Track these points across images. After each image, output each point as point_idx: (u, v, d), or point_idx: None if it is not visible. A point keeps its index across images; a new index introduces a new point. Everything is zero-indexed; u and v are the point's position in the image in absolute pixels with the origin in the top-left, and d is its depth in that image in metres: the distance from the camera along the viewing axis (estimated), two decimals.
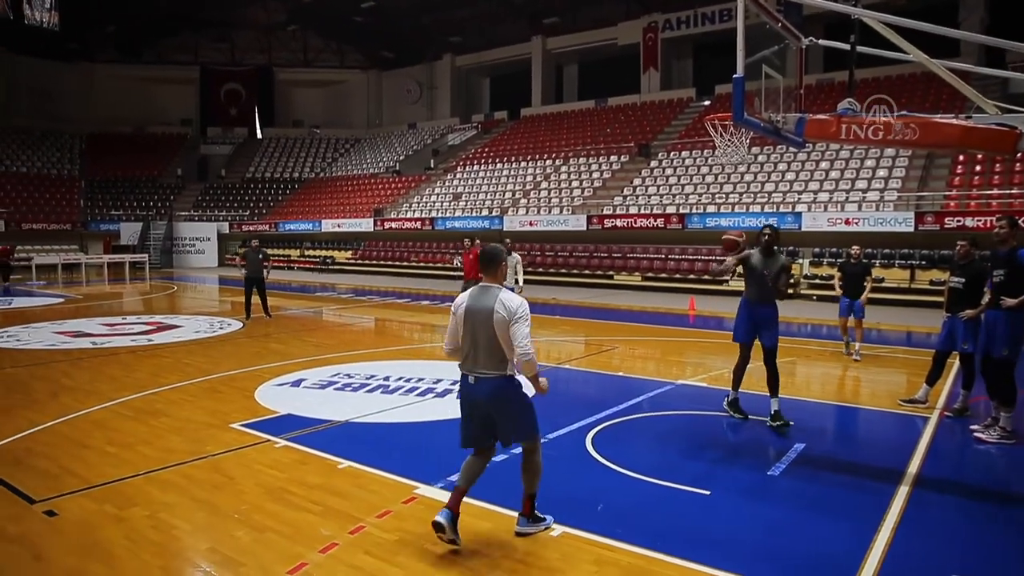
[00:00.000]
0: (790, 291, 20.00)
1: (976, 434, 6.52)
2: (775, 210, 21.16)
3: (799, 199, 21.45)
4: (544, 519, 4.51)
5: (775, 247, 7.01)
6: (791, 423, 6.81)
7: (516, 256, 12.24)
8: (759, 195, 22.58)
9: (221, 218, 38.57)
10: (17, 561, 4.09)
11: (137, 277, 28.78)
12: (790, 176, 22.96)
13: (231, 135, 45.40)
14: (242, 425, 6.79)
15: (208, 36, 43.87)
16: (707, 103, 31.27)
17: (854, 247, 10.69)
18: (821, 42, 6.37)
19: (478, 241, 12.97)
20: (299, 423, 6.82)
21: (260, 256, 14.57)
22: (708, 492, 5.10)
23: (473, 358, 4.29)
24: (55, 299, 19.91)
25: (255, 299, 14.71)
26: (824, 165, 22.78)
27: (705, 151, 26.30)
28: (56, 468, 5.63)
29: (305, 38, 44.68)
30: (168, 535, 4.43)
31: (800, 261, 20.32)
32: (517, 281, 11.91)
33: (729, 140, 7.36)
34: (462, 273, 13.23)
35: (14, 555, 4.16)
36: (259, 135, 45.73)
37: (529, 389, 4.59)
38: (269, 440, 6.32)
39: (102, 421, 7.01)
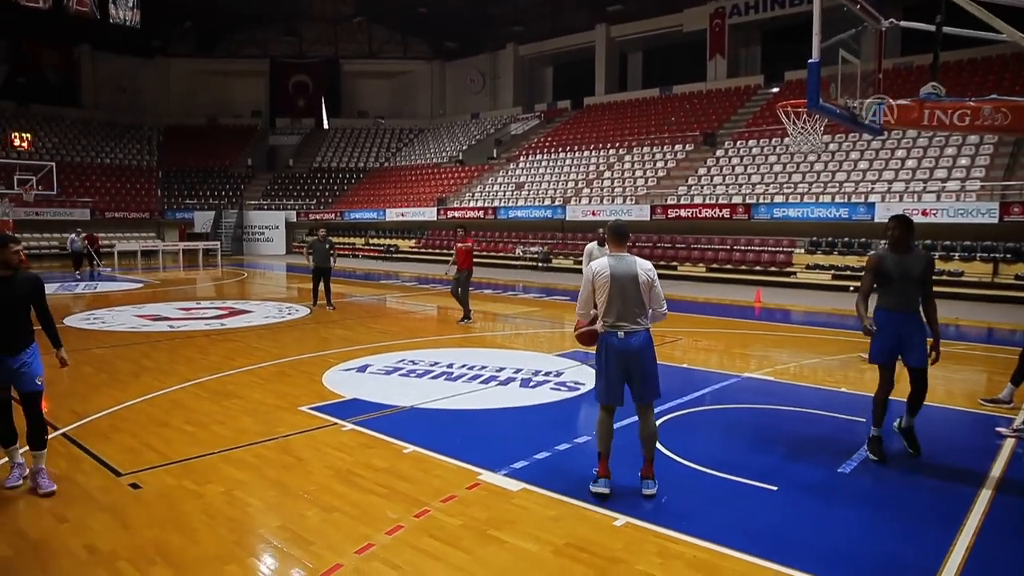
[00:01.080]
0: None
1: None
2: (846, 200, 20.47)
3: (872, 189, 20.69)
4: (653, 483, 4.87)
5: (909, 242, 5.57)
6: (919, 453, 5.78)
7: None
8: (830, 184, 21.86)
9: (289, 207, 39.62)
10: (109, 528, 4.32)
11: (209, 264, 29.84)
12: (863, 165, 22.15)
13: (299, 126, 46.52)
14: (310, 408, 6.98)
15: (277, 30, 44.98)
16: (775, 90, 30.41)
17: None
18: (903, 23, 6.08)
19: (461, 232, 13.36)
20: (365, 407, 6.97)
21: (327, 246, 14.67)
22: (775, 488, 4.99)
23: (622, 315, 4.75)
24: (135, 284, 20.83)
25: (321, 288, 14.89)
26: (900, 153, 21.88)
27: (773, 139, 25.61)
28: (139, 444, 5.91)
29: (370, 30, 45.33)
30: (242, 511, 4.60)
31: (872, 254, 19.63)
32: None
33: (802, 128, 7.13)
34: (455, 263, 13.12)
35: (106, 523, 4.40)
36: (326, 126, 46.70)
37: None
38: (336, 423, 6.48)
39: (180, 401, 7.32)
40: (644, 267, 4.81)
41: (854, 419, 6.74)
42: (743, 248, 22.28)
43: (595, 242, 9.47)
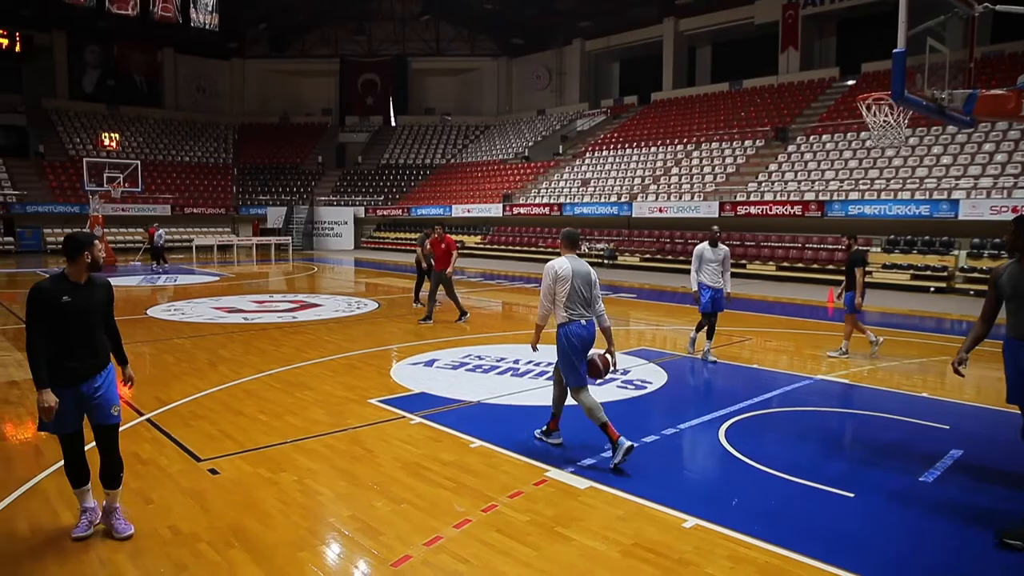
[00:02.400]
0: (944, 285, 18.36)
1: None
2: (927, 196, 19.60)
3: (956, 184, 19.74)
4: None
5: None
6: None
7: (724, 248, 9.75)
8: (909, 180, 20.97)
9: (357, 203, 40.44)
10: (191, 511, 4.50)
11: (281, 258, 30.73)
12: (946, 159, 21.17)
13: (367, 123, 47.40)
14: (379, 401, 7.10)
15: (347, 30, 45.92)
16: (851, 83, 29.37)
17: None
18: (999, 7, 5.72)
19: (439, 230, 12.75)
20: (432, 401, 7.05)
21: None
22: (852, 494, 4.82)
23: (582, 307, 5.53)
24: (211, 277, 21.63)
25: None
26: (988, 147, 20.81)
27: (848, 134, 24.73)
28: (216, 431, 6.13)
29: (438, 28, 45.80)
30: (314, 500, 4.72)
31: (955, 253, 18.74)
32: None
33: (884, 121, 6.84)
34: (426, 263, 12.73)
35: (188, 506, 4.58)
36: (393, 123, 47.45)
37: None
38: (404, 416, 6.58)
39: (254, 391, 7.56)
40: (590, 267, 5.69)
41: (935, 426, 6.46)
42: (815, 246, 21.59)
43: (706, 243, 9.14)
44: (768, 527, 4.30)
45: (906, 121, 7.24)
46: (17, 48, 38.64)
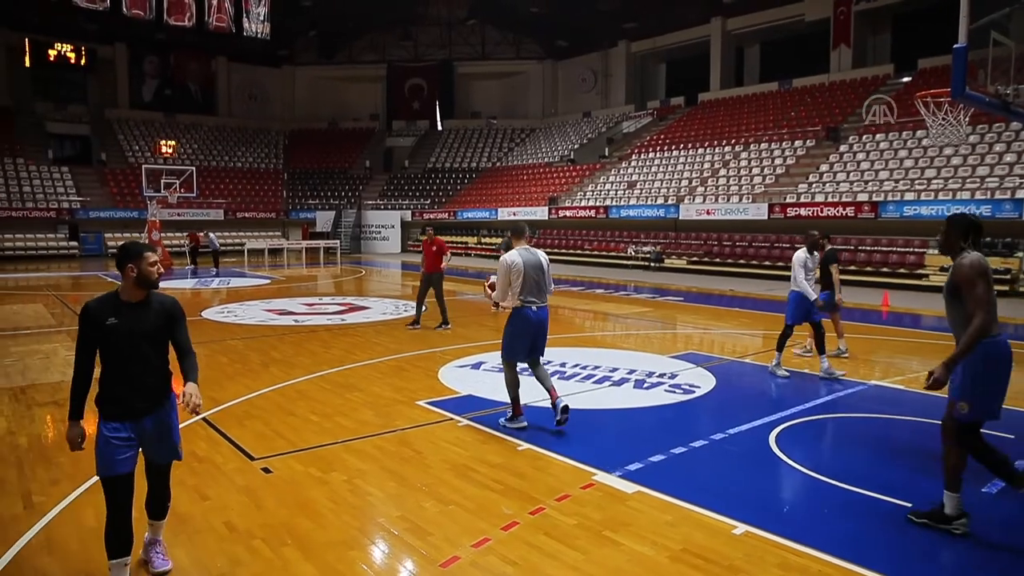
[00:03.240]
0: (1007, 288, 17.78)
1: None
2: (988, 196, 18.96)
3: (1020, 183, 19.03)
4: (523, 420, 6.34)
5: None
6: None
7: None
8: (969, 180, 20.30)
9: (404, 206, 40.91)
10: (245, 508, 4.62)
11: (330, 261, 31.26)
12: (1010, 157, 20.43)
13: (414, 128, 47.93)
14: (427, 403, 7.17)
15: (394, 35, 46.54)
16: (907, 79, 28.58)
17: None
18: None
19: (430, 231, 12.43)
20: (479, 404, 7.09)
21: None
22: (910, 504, 4.67)
23: (533, 293, 6.14)
24: (263, 280, 22.13)
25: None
26: None
27: (904, 133, 24.06)
28: (269, 431, 6.27)
29: (483, 31, 46.07)
30: (364, 500, 4.79)
31: (1020, 255, 18.06)
32: None
33: (944, 119, 6.63)
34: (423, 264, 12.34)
35: (242, 503, 4.70)
36: (439, 127, 47.90)
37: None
38: (452, 418, 6.63)
39: (305, 392, 7.71)
40: (543, 256, 6.28)
41: (1000, 435, 6.22)
42: (869, 248, 21.05)
43: (803, 249, 8.69)
44: (821, 535, 4.21)
45: (967, 118, 6.99)
46: (83, 61, 40.49)
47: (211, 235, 25.95)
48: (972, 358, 4.09)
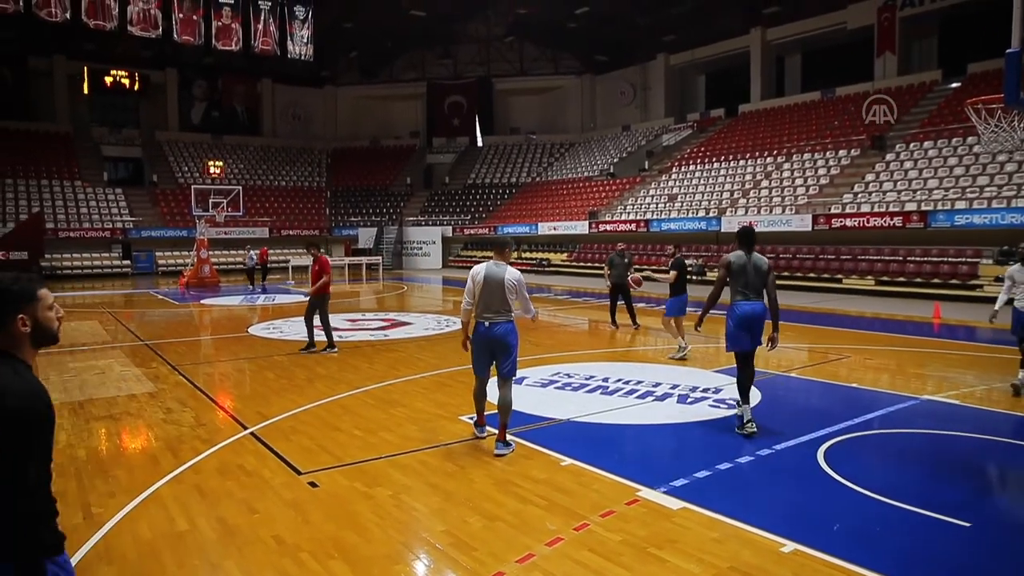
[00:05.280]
0: None
1: None
2: None
3: None
4: (511, 444, 6.12)
5: None
6: None
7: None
8: None
9: (445, 222, 41.25)
10: (292, 522, 4.70)
11: (372, 278, 31.66)
12: None
13: (454, 144, 48.40)
14: (469, 418, 7.19)
15: (434, 54, 47.20)
16: (955, 86, 27.87)
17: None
18: None
19: (315, 251, 11.69)
20: (523, 419, 7.09)
21: (626, 261, 13.70)
22: (968, 524, 4.53)
23: (488, 308, 5.99)
24: (307, 297, 22.46)
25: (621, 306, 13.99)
26: None
27: (953, 140, 23.48)
28: (315, 445, 6.37)
29: (521, 48, 46.42)
30: (409, 515, 4.83)
31: None
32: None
33: (996, 126, 6.45)
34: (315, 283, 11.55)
35: (291, 517, 4.78)
36: (479, 143, 48.28)
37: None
38: (495, 433, 6.63)
39: (350, 407, 7.81)
40: (512, 276, 6.02)
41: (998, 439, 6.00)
42: (918, 259, 20.52)
43: (1018, 263, 8.52)
44: (873, 555, 4.10)
45: (1021, 124, 6.78)
46: (136, 87, 42.17)
47: (252, 252, 26.54)
48: None
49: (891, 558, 4.07)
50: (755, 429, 6.44)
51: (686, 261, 10.88)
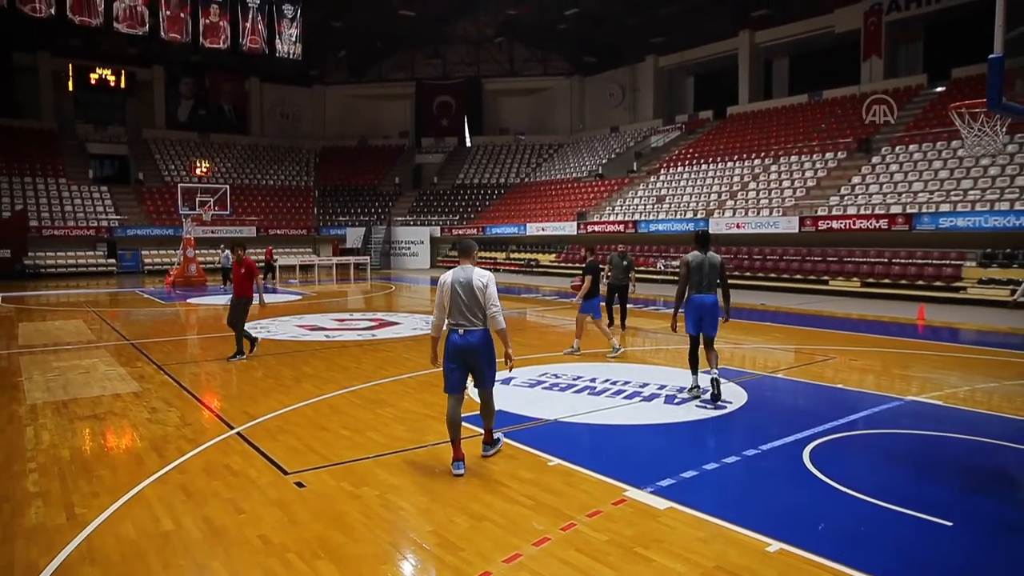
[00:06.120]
0: None
1: None
2: None
3: None
4: (498, 440, 6.13)
5: None
6: None
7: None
8: (1008, 190, 19.90)
9: (433, 223, 41.22)
10: (280, 522, 4.67)
11: (359, 277, 31.57)
12: None
13: (443, 144, 48.36)
14: None
15: (423, 54, 47.14)
16: (940, 90, 28.16)
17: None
18: None
19: (240, 252, 10.83)
20: (510, 419, 7.09)
21: (625, 263, 13.61)
22: (950, 523, 4.58)
23: (462, 316, 5.61)
24: (294, 296, 22.42)
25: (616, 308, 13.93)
26: None
27: (938, 143, 23.71)
28: (301, 445, 6.34)
29: (511, 49, 46.45)
30: (396, 514, 4.82)
31: None
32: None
33: (979, 130, 6.53)
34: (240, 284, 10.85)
35: (277, 517, 4.76)
36: (468, 143, 48.27)
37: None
38: (482, 433, 6.63)
39: (337, 407, 7.79)
40: (479, 276, 5.61)
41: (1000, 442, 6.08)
42: (903, 261, 20.71)
43: None
44: (858, 554, 4.14)
45: (1004, 128, 6.86)
46: (122, 84, 41.84)
47: (227, 252, 26.25)
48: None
49: (876, 557, 4.10)
50: (698, 394, 7.92)
51: (593, 264, 11.27)
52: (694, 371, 8.07)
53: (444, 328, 5.81)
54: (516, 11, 38.76)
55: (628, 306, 14.33)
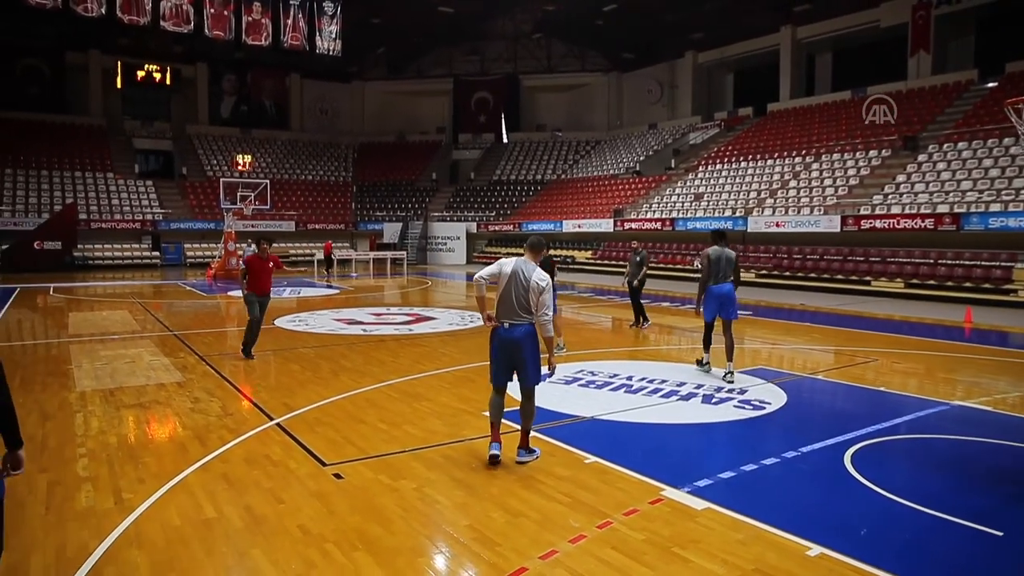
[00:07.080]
0: None
1: None
2: None
3: None
4: (535, 451, 5.89)
5: None
6: None
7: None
8: None
9: (470, 218, 41.32)
10: (318, 513, 4.74)
11: (396, 272, 31.82)
12: None
13: (480, 140, 48.45)
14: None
15: (461, 50, 47.26)
16: (992, 85, 27.30)
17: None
18: None
19: (265, 245, 10.44)
20: (546, 416, 7.08)
21: (638, 260, 13.65)
22: (1000, 533, 4.45)
23: (508, 310, 5.63)
24: (332, 290, 22.69)
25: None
26: None
27: (989, 141, 23.02)
28: (340, 438, 6.43)
29: (549, 45, 46.31)
30: (433, 508, 4.86)
31: None
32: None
33: None
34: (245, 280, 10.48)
35: (315, 507, 4.83)
36: (505, 140, 48.26)
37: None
38: (519, 430, 6.64)
39: (374, 400, 7.87)
40: (540, 276, 5.62)
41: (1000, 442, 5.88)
42: (950, 262, 20.16)
43: None
44: (902, 561, 4.05)
45: None
46: (167, 81, 42.74)
47: (252, 246, 26.43)
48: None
49: (922, 566, 4.02)
50: (708, 370, 9.15)
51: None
52: (706, 349, 9.39)
53: (492, 318, 5.79)
54: (554, 7, 38.61)
55: (642, 302, 14.23)
